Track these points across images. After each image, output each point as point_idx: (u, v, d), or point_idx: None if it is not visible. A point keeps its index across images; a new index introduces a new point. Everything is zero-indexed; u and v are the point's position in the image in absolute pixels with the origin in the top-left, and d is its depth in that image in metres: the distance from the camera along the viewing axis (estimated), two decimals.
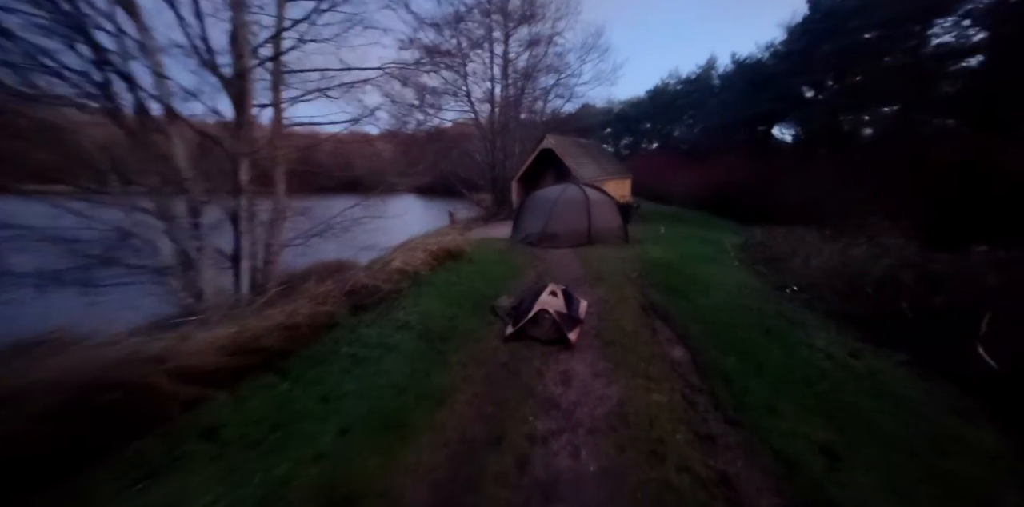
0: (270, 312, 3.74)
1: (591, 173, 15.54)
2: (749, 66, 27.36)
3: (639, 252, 9.42)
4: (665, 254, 9.26)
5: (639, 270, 7.67)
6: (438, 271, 6.63)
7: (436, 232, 8.80)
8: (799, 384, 3.46)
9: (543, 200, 10.34)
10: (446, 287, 5.83)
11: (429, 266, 6.63)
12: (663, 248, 10.04)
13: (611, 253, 9.23)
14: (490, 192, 18.15)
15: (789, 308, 5.71)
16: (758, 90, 25.57)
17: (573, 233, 9.96)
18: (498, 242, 10.26)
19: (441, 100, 17.67)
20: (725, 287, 6.73)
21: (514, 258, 8.39)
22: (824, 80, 23.51)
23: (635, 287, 6.53)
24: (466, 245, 8.45)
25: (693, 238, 12.32)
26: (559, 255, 9.03)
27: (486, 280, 6.39)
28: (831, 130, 21.57)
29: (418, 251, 6.66)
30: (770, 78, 25.46)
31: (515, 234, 10.89)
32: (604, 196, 10.73)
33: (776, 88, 25.02)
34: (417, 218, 21.20)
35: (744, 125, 27.39)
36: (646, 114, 37.64)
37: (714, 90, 31.12)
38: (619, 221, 10.49)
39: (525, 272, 7.24)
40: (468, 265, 7.22)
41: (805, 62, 23.27)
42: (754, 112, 25.91)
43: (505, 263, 7.77)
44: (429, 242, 7.30)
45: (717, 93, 29.96)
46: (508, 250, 9.25)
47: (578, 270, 7.64)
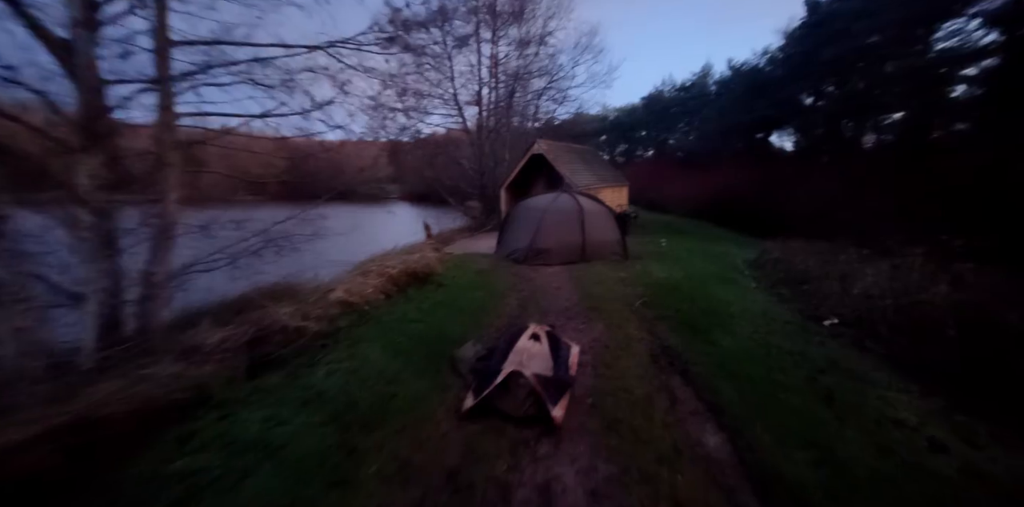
0: (96, 387, 2.39)
1: (585, 181, 14.32)
2: (746, 72, 26.53)
3: (641, 271, 8.12)
4: (671, 273, 7.96)
5: (643, 295, 6.35)
6: (396, 302, 5.29)
7: (404, 250, 7.48)
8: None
9: (531, 210, 9.05)
10: (399, 326, 4.46)
11: (385, 295, 5.28)
12: (667, 266, 8.74)
13: (609, 272, 7.92)
14: (479, 201, 16.87)
15: (840, 353, 4.40)
16: (756, 96, 24.67)
17: (565, 248, 8.65)
18: (480, 259, 8.93)
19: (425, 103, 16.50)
20: (750, 318, 5.42)
21: (495, 280, 7.05)
22: (824, 86, 22.63)
23: (640, 321, 5.19)
24: (438, 265, 7.11)
25: (698, 252, 11.05)
26: (549, 275, 7.71)
27: (454, 313, 5.04)
28: (833, 137, 20.59)
29: (372, 276, 5.31)
30: (768, 84, 24.59)
31: (500, 249, 9.57)
32: (600, 206, 9.47)
33: (774, 94, 24.11)
34: (405, 228, 19.88)
35: (742, 132, 26.43)
36: (641, 121, 36.76)
37: (710, 97, 30.26)
38: (617, 234, 9.21)
39: (506, 300, 5.89)
40: (436, 292, 5.88)
41: (804, 68, 22.37)
42: (752, 119, 24.97)
43: (483, 287, 6.42)
44: (390, 263, 5.96)
45: (713, 100, 29.09)
46: (490, 269, 7.91)
47: (570, 295, 6.31)
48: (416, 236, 15.53)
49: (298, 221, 5.67)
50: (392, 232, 21.09)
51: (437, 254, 7.89)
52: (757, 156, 24.18)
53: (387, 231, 22.50)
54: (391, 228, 22.56)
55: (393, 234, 15.31)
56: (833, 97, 21.27)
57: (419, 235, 15.45)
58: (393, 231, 21.36)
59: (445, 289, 6.02)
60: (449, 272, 7.09)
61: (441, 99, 16.34)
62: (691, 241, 13.48)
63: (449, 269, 7.39)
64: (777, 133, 26.45)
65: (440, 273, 6.81)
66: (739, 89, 26.09)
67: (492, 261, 8.72)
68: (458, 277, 6.86)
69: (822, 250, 8.71)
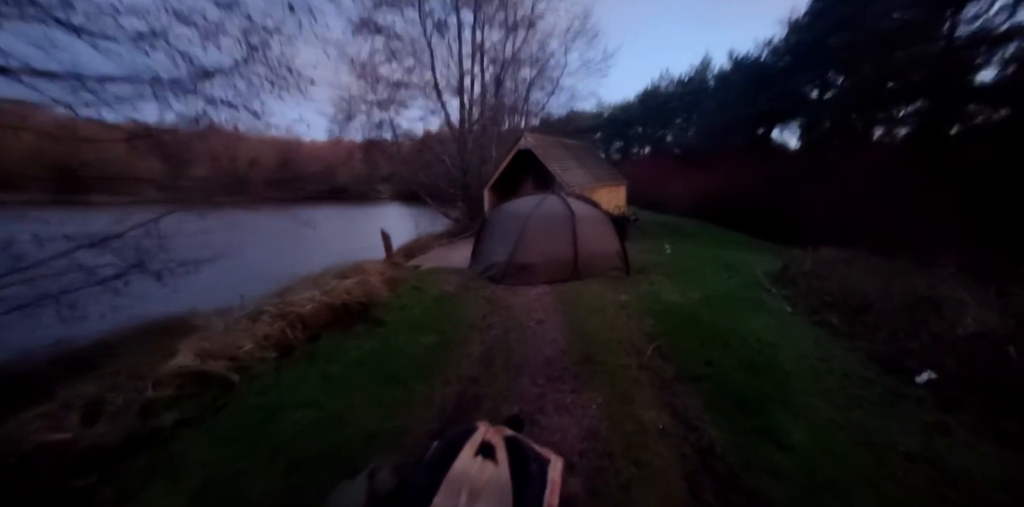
0: None
1: (579, 179, 12.58)
2: (748, 65, 24.81)
3: (648, 291, 6.39)
4: (685, 294, 6.24)
5: (655, 333, 4.62)
6: (296, 361, 3.52)
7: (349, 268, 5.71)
8: None
9: (511, 216, 7.29)
10: (268, 422, 2.69)
11: (282, 348, 3.52)
12: (679, 282, 7.02)
13: (608, 294, 6.19)
14: (462, 202, 15.10)
15: (980, 449, 2.69)
16: (758, 89, 22.97)
17: (553, 263, 6.91)
18: (449, 276, 7.17)
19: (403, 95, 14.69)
20: (812, 376, 3.71)
21: (459, 310, 5.29)
22: (832, 76, 20.96)
23: (657, 386, 3.46)
24: (386, 290, 5.36)
25: (708, 261, 9.34)
26: (531, 300, 5.96)
27: (378, 384, 3.28)
28: (844, 131, 18.91)
29: (264, 321, 3.55)
30: (771, 76, 22.88)
31: (474, 263, 7.82)
32: (595, 210, 7.72)
33: (778, 87, 22.41)
34: (375, 233, 17.95)
35: (744, 127, 24.75)
36: (637, 118, 35.02)
37: (709, 91, 28.56)
38: (616, 245, 7.47)
39: (467, 347, 4.14)
40: (367, 337, 4.11)
41: (810, 58, 20.65)
42: (754, 113, 23.28)
43: (438, 325, 4.66)
44: (306, 297, 4.18)
45: (713, 94, 27.38)
46: (457, 292, 6.16)
47: (556, 336, 4.56)
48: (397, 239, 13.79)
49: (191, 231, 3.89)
50: (357, 238, 19.36)
51: (390, 274, 6.12)
52: (761, 152, 22.49)
53: (352, 237, 20.75)
54: (360, 232, 20.73)
55: (357, 241, 13.58)
56: (843, 88, 19.60)
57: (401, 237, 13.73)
58: (360, 237, 19.62)
59: (383, 331, 4.26)
60: (400, 300, 5.33)
61: (420, 90, 14.55)
62: (698, 246, 11.77)
63: (403, 294, 5.63)
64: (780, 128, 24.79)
65: (386, 302, 5.06)
66: (741, 82, 24.38)
67: (463, 279, 6.96)
68: (410, 307, 5.10)
69: (865, 260, 7.02)
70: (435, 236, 13.24)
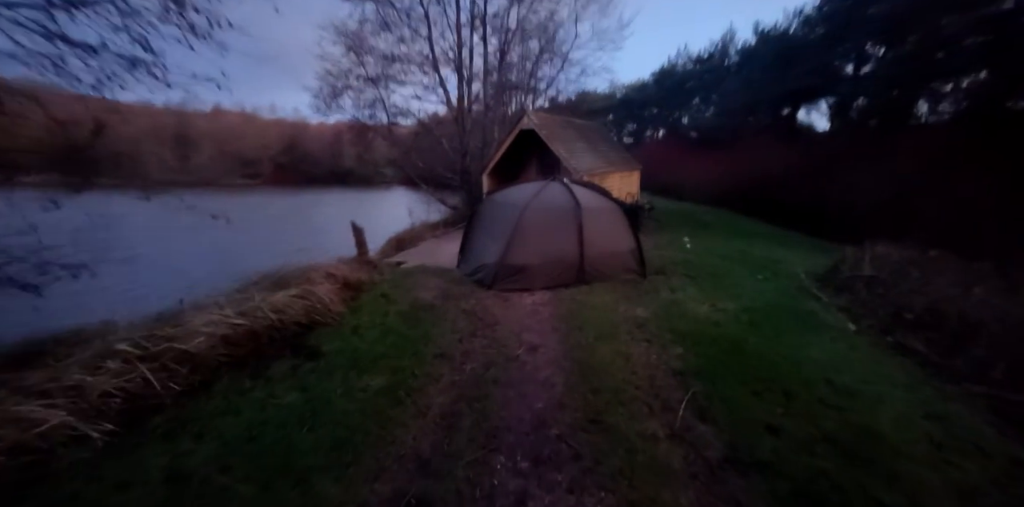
0: None
1: (588, 164, 11.13)
2: (776, 38, 22.48)
3: (670, 302, 5.09)
4: (717, 306, 4.93)
5: (685, 369, 3.36)
6: (154, 431, 2.35)
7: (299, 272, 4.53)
8: None
9: (504, 208, 5.98)
10: None
11: (138, 408, 2.36)
12: (707, 288, 5.70)
13: (621, 307, 4.91)
14: (461, 188, 13.76)
15: None
16: (787, 65, 20.74)
17: (554, 265, 5.63)
18: (431, 278, 5.95)
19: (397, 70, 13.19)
20: (936, 458, 2.44)
21: (431, 330, 4.08)
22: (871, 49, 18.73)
23: (701, 478, 2.23)
24: (340, 301, 4.16)
25: (737, 259, 7.95)
26: (525, 314, 4.72)
27: (274, 470, 2.12)
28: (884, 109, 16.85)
29: (109, 369, 2.37)
30: (801, 50, 20.61)
31: (463, 263, 6.58)
32: (605, 200, 6.35)
33: (808, 61, 20.17)
34: (374, 220, 16.51)
35: (768, 107, 22.65)
36: (652, 98, 32.74)
37: (731, 69, 26.25)
38: (630, 241, 6.13)
39: (428, 391, 2.95)
40: (295, 375, 2.93)
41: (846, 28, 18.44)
42: (781, 91, 21.13)
43: (401, 351, 3.47)
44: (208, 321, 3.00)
45: (736, 71, 25.12)
46: (435, 301, 4.94)
47: (550, 374, 3.33)
48: (385, 229, 12.57)
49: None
50: (341, 228, 18.22)
51: (356, 278, 4.93)
52: (788, 134, 20.53)
53: (335, 225, 19.60)
54: (358, 219, 19.45)
55: (338, 231, 12.50)
56: (884, 61, 17.42)
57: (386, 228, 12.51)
58: (343, 226, 18.45)
59: (315, 369, 3.07)
60: (356, 317, 4.14)
61: (416, 64, 13.03)
62: (721, 239, 10.34)
63: (363, 307, 4.43)
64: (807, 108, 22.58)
65: (335, 321, 3.87)
66: (767, 57, 22.13)
67: (446, 283, 5.74)
68: (365, 329, 3.90)
69: (951, 266, 5.60)
70: (430, 226, 12.00)
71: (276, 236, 15.64)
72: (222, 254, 11.46)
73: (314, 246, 10.47)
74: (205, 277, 4.97)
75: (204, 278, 5.37)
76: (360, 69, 12.03)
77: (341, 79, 12.11)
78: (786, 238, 11.53)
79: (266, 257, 9.80)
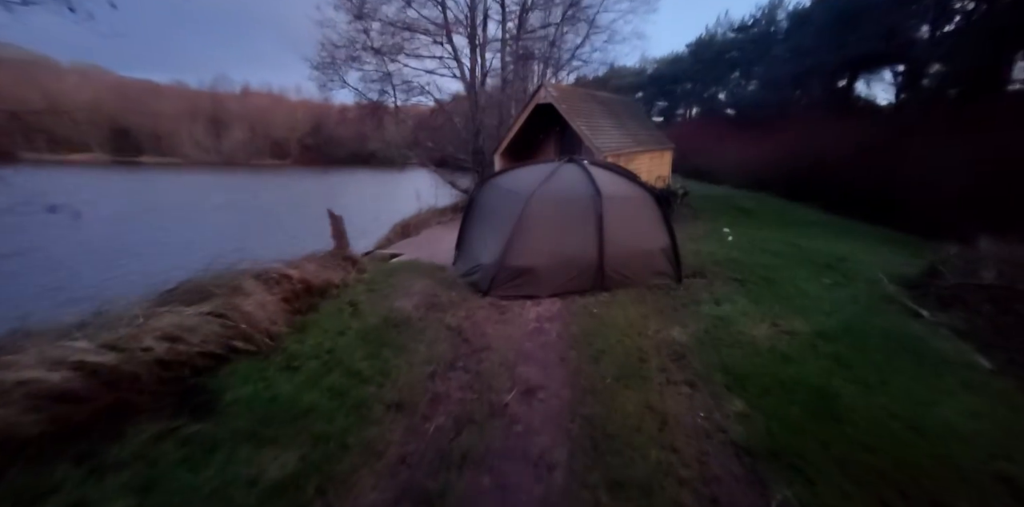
0: None
1: (614, 142, 9.68)
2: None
3: (714, 319, 3.85)
4: (779, 326, 3.67)
5: (752, 440, 2.21)
6: None
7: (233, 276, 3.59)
8: None
9: (507, 195, 4.80)
10: None
11: None
12: (760, 297, 4.41)
13: (652, 325, 3.72)
14: (473, 170, 12.58)
15: None
16: (847, 28, 17.96)
17: (566, 267, 4.47)
18: (419, 278, 4.91)
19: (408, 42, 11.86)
20: None
21: (396, 362, 3.05)
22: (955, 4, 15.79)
23: None
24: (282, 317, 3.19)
25: (793, 256, 6.51)
26: (522, 335, 3.63)
27: None
28: (968, 77, 14.16)
29: None
30: (865, 10, 17.77)
31: (458, 259, 5.51)
32: (632, 187, 5.04)
33: (874, 24, 17.41)
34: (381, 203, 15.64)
35: (822, 78, 19.93)
36: (686, 73, 29.91)
37: (779, 36, 23.34)
38: (663, 238, 4.85)
39: (358, 477, 1.95)
40: (151, 452, 1.97)
41: None
42: (839, 59, 18.38)
43: (342, 400, 2.48)
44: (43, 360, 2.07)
45: (785, 39, 22.25)
46: (415, 313, 3.90)
47: (548, 446, 2.25)
48: (383, 218, 11.60)
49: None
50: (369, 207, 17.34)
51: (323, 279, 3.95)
52: (844, 108, 18.01)
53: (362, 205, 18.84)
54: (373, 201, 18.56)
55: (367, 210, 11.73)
56: (974, 17, 14.58)
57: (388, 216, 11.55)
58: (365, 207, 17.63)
59: (193, 438, 2.09)
60: (297, 341, 3.15)
61: (427, 34, 11.65)
62: (769, 230, 8.79)
63: (314, 325, 3.45)
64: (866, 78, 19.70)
65: (266, 348, 2.89)
66: (824, 20, 19.27)
67: (435, 285, 4.70)
68: (306, 358, 2.90)
69: None
70: (437, 211, 10.96)
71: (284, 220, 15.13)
72: (197, 243, 10.88)
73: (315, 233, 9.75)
74: (139, 279, 4.10)
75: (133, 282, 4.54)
76: (364, 36, 10.80)
77: (345, 49, 10.94)
78: (845, 228, 9.82)
79: (248, 246, 8.92)
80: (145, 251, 10.74)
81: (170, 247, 11.07)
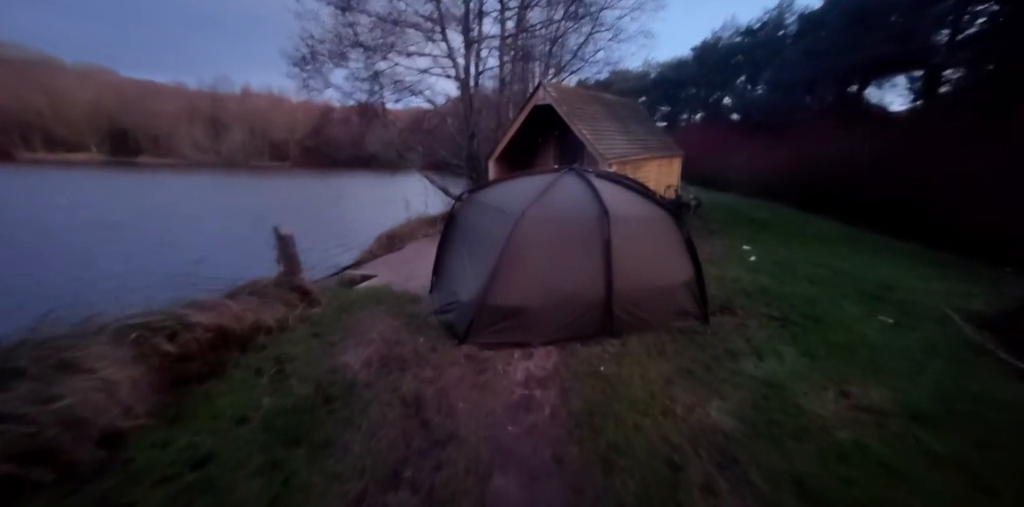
0: None
1: (619, 149, 8.72)
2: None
3: (761, 384, 2.86)
4: (850, 397, 2.67)
5: None
6: None
7: None
8: None
9: (491, 215, 3.82)
10: None
11: None
12: (812, 346, 3.41)
13: (679, 398, 2.71)
14: (468, 177, 11.62)
15: None
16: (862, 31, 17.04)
17: (565, 306, 3.47)
18: (383, 317, 3.92)
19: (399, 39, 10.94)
20: None
21: (310, 467, 2.06)
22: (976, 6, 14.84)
23: None
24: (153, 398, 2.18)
25: (833, 283, 5.49)
26: (507, 408, 2.63)
27: None
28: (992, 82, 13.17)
29: None
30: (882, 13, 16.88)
31: (435, 288, 4.52)
32: (646, 203, 4.04)
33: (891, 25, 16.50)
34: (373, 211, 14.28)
35: (834, 82, 19.02)
36: (691, 77, 29.05)
37: (788, 39, 22.45)
38: (686, 269, 3.84)
39: None
40: None
41: None
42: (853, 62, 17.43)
43: None
44: None
45: (794, 42, 21.35)
46: (363, 374, 2.91)
47: None
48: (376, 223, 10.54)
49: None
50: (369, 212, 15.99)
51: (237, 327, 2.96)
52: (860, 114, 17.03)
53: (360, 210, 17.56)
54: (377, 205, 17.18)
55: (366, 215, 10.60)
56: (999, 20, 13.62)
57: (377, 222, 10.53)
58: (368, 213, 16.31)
59: None
60: (168, 434, 2.15)
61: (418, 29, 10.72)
62: (791, 247, 7.78)
63: (217, 395, 2.46)
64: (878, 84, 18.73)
65: (95, 461, 1.89)
66: (837, 23, 18.36)
67: (403, 325, 3.72)
68: (161, 482, 1.90)
69: None
70: (426, 221, 9.98)
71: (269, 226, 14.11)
72: (138, 257, 9.68)
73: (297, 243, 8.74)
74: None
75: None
76: (350, 31, 9.87)
77: (329, 45, 10.01)
78: (875, 244, 8.81)
79: (209, 259, 7.86)
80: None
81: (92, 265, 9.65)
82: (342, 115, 19.37)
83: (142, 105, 45.10)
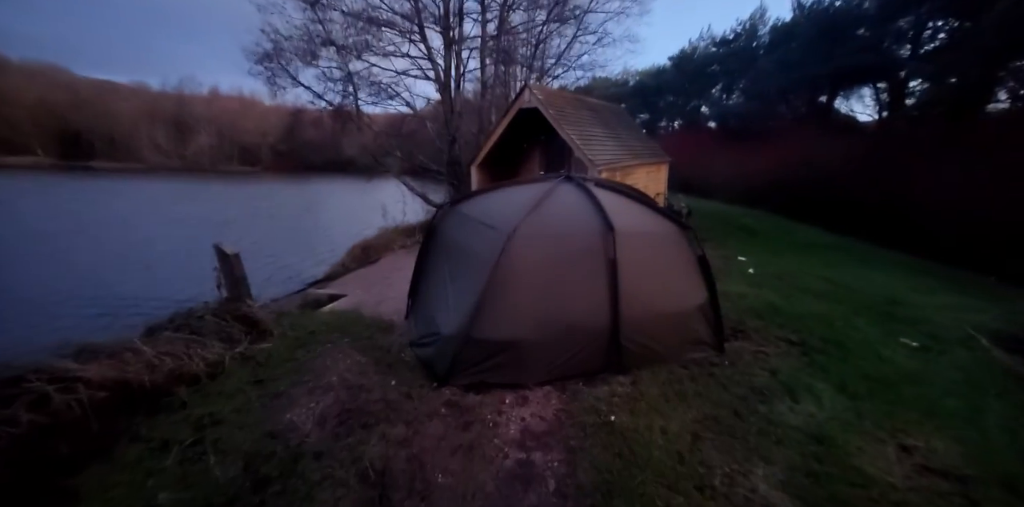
0: None
1: (609, 155, 8.28)
2: (820, 12, 18.99)
3: (807, 439, 2.35)
4: (912, 454, 2.19)
5: None
6: None
7: None
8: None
9: (477, 231, 3.23)
10: None
11: None
12: (845, 380, 2.95)
13: (714, 464, 2.17)
14: (448, 184, 10.97)
15: None
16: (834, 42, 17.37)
17: (564, 338, 2.90)
18: (347, 353, 3.25)
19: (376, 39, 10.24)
20: None
21: None
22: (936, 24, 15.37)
23: None
24: None
25: (841, 299, 5.12)
26: (496, 482, 2.02)
27: None
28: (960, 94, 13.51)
29: None
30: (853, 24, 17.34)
31: (412, 314, 3.87)
32: (653, 216, 3.54)
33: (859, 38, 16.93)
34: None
35: (807, 92, 19.38)
36: (669, 85, 29.36)
37: (761, 50, 22.90)
38: (699, 291, 3.35)
39: None
40: None
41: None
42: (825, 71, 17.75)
43: None
44: None
45: (767, 53, 21.74)
46: (312, 439, 2.26)
47: None
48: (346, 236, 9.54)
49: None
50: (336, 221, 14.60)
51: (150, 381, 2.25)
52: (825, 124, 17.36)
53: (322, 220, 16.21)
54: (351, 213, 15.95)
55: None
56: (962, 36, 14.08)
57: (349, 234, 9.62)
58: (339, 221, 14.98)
59: None
60: None
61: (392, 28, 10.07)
62: (785, 256, 7.49)
63: (99, 490, 1.75)
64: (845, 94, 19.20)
65: None
66: (809, 34, 18.74)
67: (372, 364, 3.07)
68: None
69: None
70: (402, 231, 9.26)
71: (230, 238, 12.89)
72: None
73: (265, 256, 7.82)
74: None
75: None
76: (319, 28, 9.13)
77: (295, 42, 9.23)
78: (862, 253, 8.66)
79: (128, 281, 7.11)
80: None
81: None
82: (314, 117, 18.42)
83: (96, 105, 42.13)
